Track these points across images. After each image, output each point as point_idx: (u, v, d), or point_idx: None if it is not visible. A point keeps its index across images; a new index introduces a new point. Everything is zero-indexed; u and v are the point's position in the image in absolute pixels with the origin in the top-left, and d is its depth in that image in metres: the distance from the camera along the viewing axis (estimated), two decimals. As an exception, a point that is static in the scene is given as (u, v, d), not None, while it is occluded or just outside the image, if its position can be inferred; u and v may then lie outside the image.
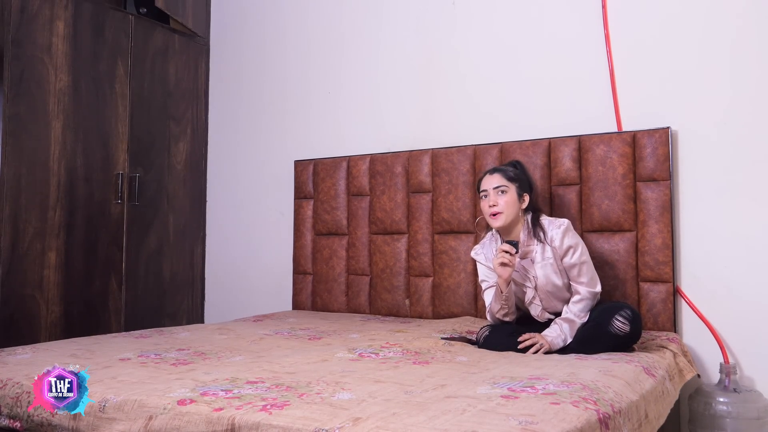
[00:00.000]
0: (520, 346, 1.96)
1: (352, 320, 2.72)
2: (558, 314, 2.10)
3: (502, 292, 2.06)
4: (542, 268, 2.08)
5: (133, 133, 3.22)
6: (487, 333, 2.06)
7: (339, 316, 2.91)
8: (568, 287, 2.10)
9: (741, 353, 2.30)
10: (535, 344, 1.96)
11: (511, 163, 2.29)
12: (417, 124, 3.02)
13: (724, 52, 2.38)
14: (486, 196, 2.15)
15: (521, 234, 2.14)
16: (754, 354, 2.28)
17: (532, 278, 2.10)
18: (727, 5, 2.39)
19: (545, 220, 2.15)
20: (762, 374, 2.27)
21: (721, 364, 2.24)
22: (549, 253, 2.08)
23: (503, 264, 2.01)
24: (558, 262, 2.08)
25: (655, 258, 2.37)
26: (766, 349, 2.26)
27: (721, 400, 2.14)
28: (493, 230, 2.25)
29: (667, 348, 2.08)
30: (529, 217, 2.16)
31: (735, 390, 2.16)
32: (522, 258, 2.12)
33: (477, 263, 2.27)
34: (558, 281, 2.08)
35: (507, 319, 2.13)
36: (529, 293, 2.11)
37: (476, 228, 2.51)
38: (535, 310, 2.12)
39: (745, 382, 2.28)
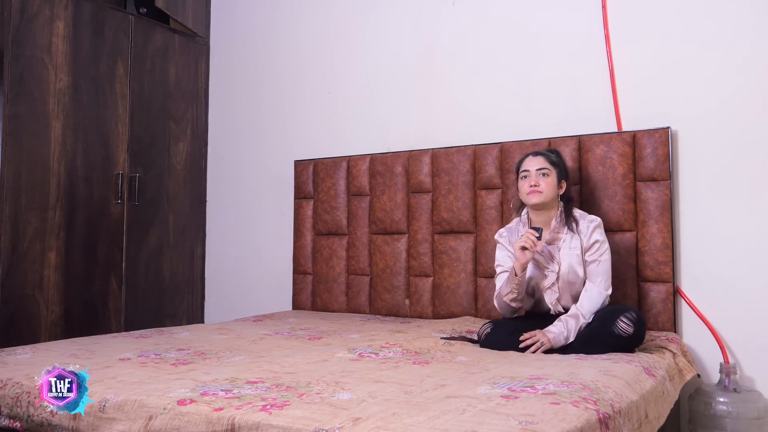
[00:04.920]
0: (521, 345, 1.97)
1: (352, 320, 2.72)
2: (568, 309, 2.11)
3: (516, 275, 2.08)
4: (567, 257, 2.12)
5: (133, 133, 3.22)
6: (488, 330, 2.07)
7: (339, 316, 2.91)
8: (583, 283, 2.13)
9: (741, 353, 2.30)
10: (536, 343, 1.96)
11: (551, 150, 2.34)
12: (417, 124, 3.02)
13: (724, 52, 2.38)
14: (526, 177, 2.18)
15: (553, 220, 2.17)
16: (754, 354, 2.28)
17: (556, 264, 2.13)
18: (727, 5, 2.39)
19: (577, 212, 2.20)
20: (762, 374, 2.27)
21: (721, 364, 2.24)
22: (576, 243, 2.12)
23: (524, 248, 2.04)
24: (583, 254, 2.12)
25: (655, 258, 2.37)
26: (766, 349, 2.26)
27: (721, 400, 2.14)
28: (522, 215, 2.27)
29: (666, 348, 2.08)
30: (563, 204, 2.20)
31: (735, 390, 2.16)
32: (549, 244, 2.15)
33: (497, 246, 2.29)
34: (580, 273, 2.11)
35: (514, 305, 2.15)
36: (551, 277, 2.13)
37: (510, 208, 2.53)
38: (551, 297, 2.13)
39: (745, 382, 2.28)
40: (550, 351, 1.96)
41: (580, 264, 2.11)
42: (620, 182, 2.45)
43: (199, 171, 3.62)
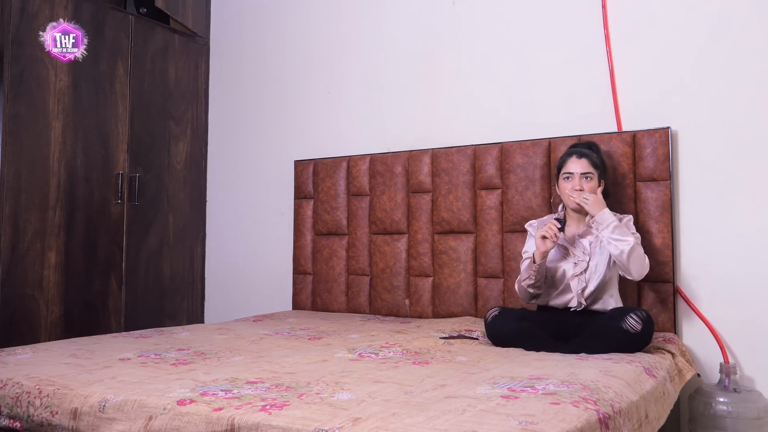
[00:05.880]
0: (570, 194, 2.12)
1: (352, 320, 2.72)
2: (590, 309, 2.15)
3: (534, 262, 2.13)
4: (599, 250, 2.17)
5: (133, 133, 3.22)
6: (496, 313, 2.09)
7: (339, 316, 2.91)
8: (611, 283, 2.18)
9: (741, 353, 2.30)
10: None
11: (590, 146, 2.35)
12: (417, 124, 3.02)
13: (724, 52, 2.38)
14: (569, 179, 2.23)
15: (588, 216, 2.23)
16: (754, 354, 2.28)
17: (587, 255, 2.18)
18: (727, 5, 2.39)
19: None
20: (762, 374, 2.27)
21: (721, 364, 2.24)
22: None
23: (544, 237, 2.09)
24: None
25: (655, 258, 2.37)
26: (766, 349, 2.26)
27: (721, 400, 2.14)
28: (559, 210, 2.34)
29: (665, 349, 2.08)
30: None
31: (735, 390, 2.16)
32: (582, 237, 2.22)
33: (527, 235, 2.36)
34: (609, 267, 2.16)
35: (531, 290, 2.20)
36: (581, 266, 2.17)
37: (552, 205, 2.56)
38: (577, 286, 2.16)
39: (745, 382, 2.28)
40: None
41: (610, 260, 2.16)
42: (620, 182, 2.45)
43: (199, 171, 3.62)
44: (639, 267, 2.11)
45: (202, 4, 3.68)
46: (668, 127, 2.40)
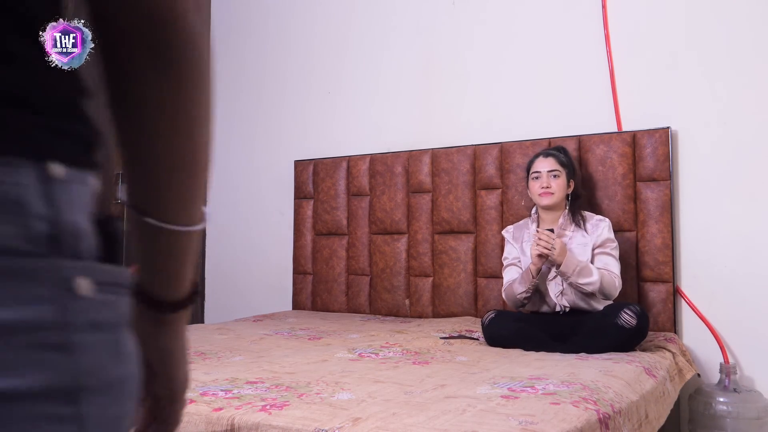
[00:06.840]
0: (534, 236, 2.08)
1: (352, 320, 2.72)
2: (573, 308, 2.14)
3: (533, 278, 2.11)
4: (574, 251, 2.15)
5: (133, 133, 3.21)
6: (492, 316, 2.09)
7: (339, 316, 2.91)
8: None
9: (741, 353, 2.30)
10: (548, 245, 2.03)
11: (558, 148, 2.36)
12: (417, 124, 3.02)
13: (724, 52, 2.38)
14: (537, 178, 2.24)
15: (561, 218, 2.23)
16: (754, 354, 2.28)
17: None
18: (727, 5, 2.39)
19: (586, 213, 2.27)
20: (762, 374, 2.27)
21: (721, 364, 2.24)
22: (582, 239, 2.18)
23: (540, 255, 2.07)
24: (590, 252, 2.16)
25: (655, 258, 2.37)
26: (766, 349, 2.26)
27: (721, 400, 2.14)
28: (531, 213, 2.33)
29: (666, 348, 2.08)
30: (570, 202, 2.27)
31: (735, 390, 2.16)
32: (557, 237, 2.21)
33: (505, 241, 2.36)
34: None
35: (526, 302, 2.19)
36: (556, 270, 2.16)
37: (523, 206, 2.57)
38: (554, 289, 2.16)
39: (745, 382, 2.28)
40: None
41: (586, 260, 2.14)
42: (620, 182, 2.45)
43: (199, 171, 3.61)
44: (611, 293, 2.11)
45: (202, 4, 3.67)
46: (668, 127, 2.40)
